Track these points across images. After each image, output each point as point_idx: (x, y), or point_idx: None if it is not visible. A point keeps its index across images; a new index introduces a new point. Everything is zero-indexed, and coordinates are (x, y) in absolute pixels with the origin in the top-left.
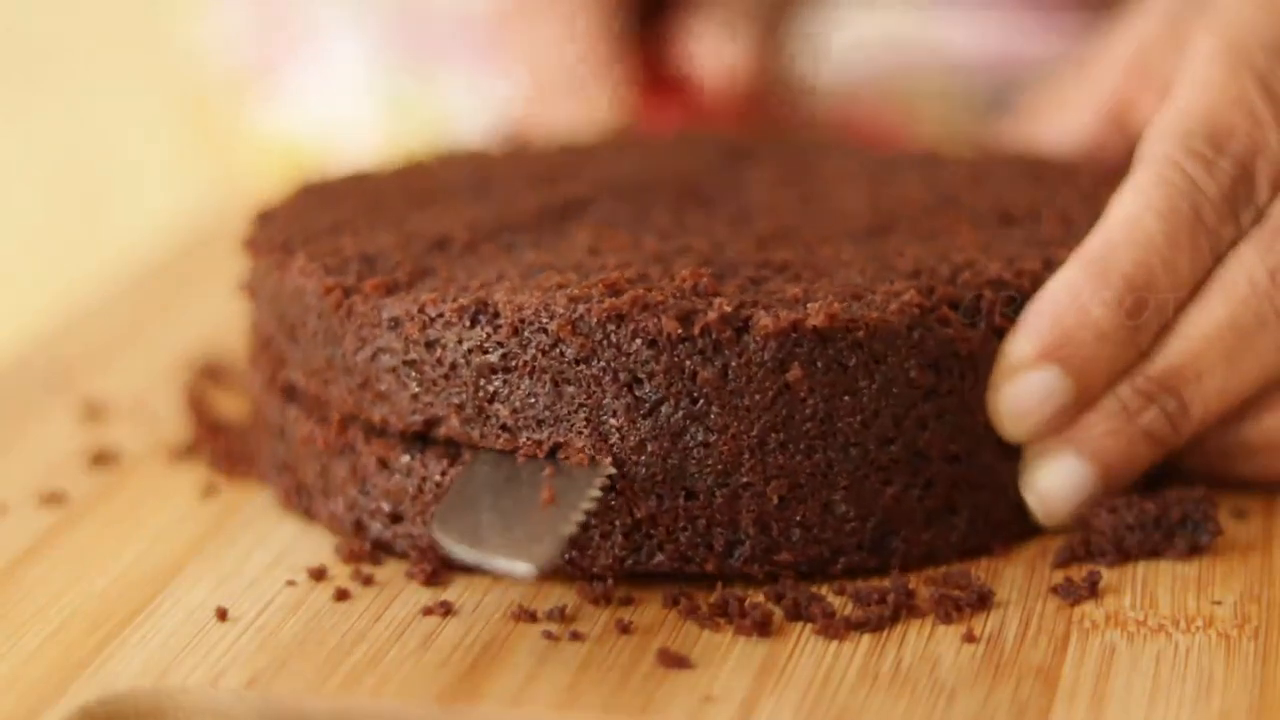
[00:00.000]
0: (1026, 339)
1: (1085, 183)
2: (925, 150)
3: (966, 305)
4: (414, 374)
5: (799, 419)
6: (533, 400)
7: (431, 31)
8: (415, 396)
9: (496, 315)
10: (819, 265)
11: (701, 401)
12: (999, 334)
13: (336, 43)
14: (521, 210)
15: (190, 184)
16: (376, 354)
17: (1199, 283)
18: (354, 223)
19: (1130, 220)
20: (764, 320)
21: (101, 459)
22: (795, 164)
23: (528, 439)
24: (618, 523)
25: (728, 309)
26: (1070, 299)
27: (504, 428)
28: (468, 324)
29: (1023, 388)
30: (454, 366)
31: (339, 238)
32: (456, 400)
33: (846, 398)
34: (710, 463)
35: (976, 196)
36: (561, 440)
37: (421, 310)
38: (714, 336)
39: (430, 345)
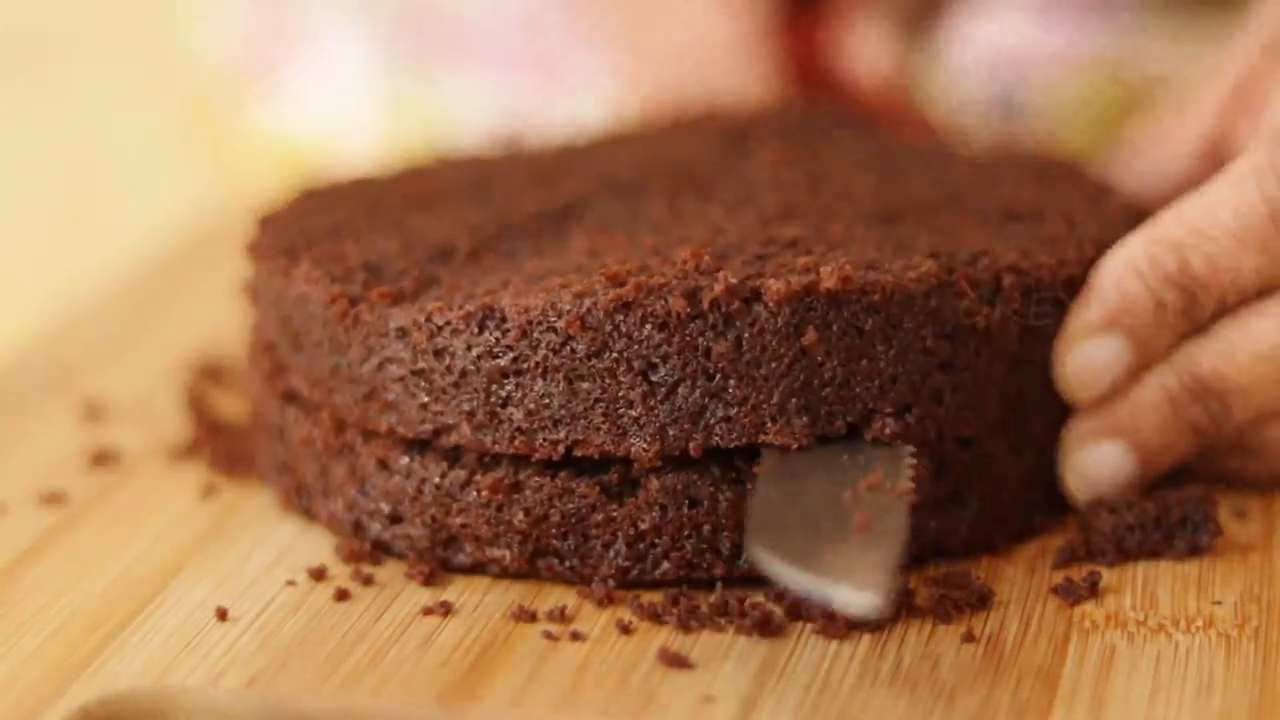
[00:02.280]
0: (1092, 306)
1: (1089, 184)
2: (929, 143)
3: (986, 287)
4: (423, 383)
5: (818, 384)
6: (547, 401)
7: (432, 32)
8: (424, 406)
9: (504, 319)
10: (831, 240)
11: (718, 377)
12: (1017, 316)
13: (336, 43)
14: (521, 213)
15: (190, 184)
16: (384, 364)
17: (1265, 290)
18: (356, 227)
19: (1207, 210)
20: (775, 285)
21: (101, 459)
22: (796, 149)
23: (544, 440)
24: (620, 534)
25: (733, 280)
26: (1135, 274)
27: (519, 430)
28: (476, 330)
29: (1086, 353)
30: (464, 373)
31: (342, 243)
32: (467, 407)
33: (864, 362)
34: (734, 437)
35: (981, 194)
36: (580, 438)
37: (429, 319)
38: (724, 310)
39: (439, 353)
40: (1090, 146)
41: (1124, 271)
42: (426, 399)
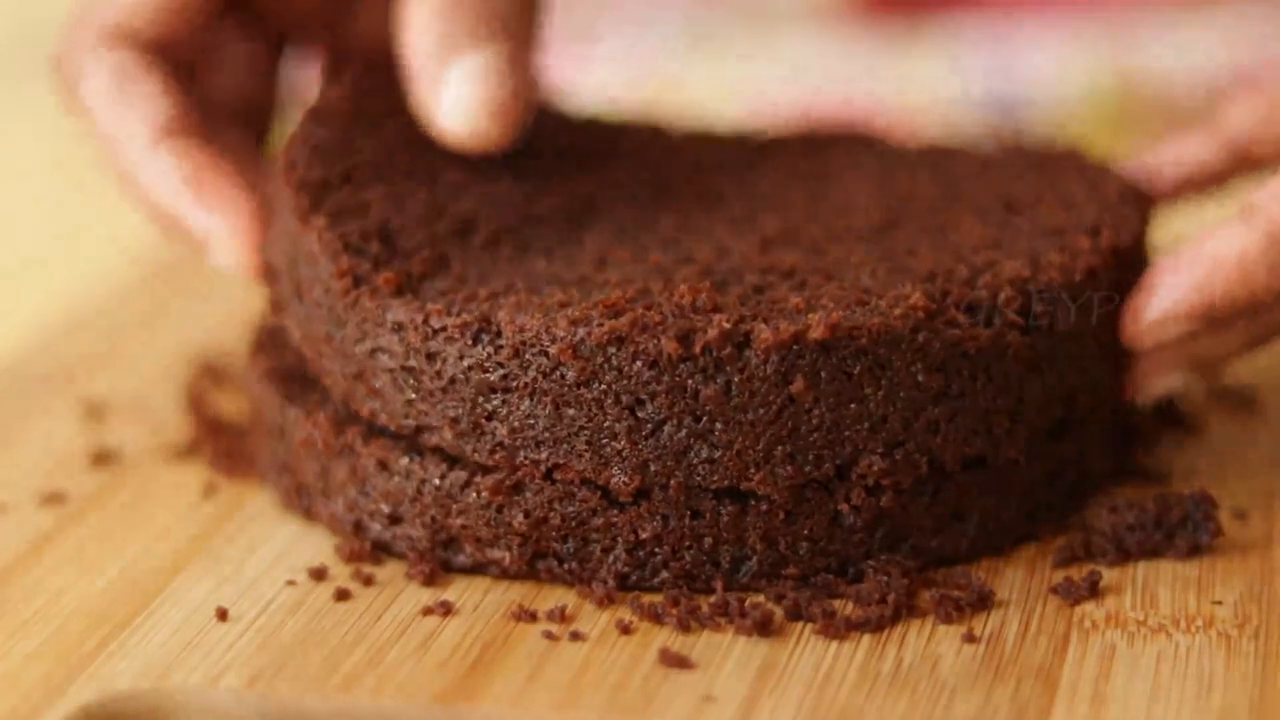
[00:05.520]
0: (1174, 293)
1: (1087, 168)
2: (931, 142)
3: (983, 307)
4: (411, 380)
5: (805, 430)
6: (532, 421)
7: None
8: (410, 403)
9: (499, 334)
10: (827, 269)
11: (705, 420)
12: (1018, 330)
13: None
14: (545, 200)
15: None
16: (375, 351)
17: None
18: (391, 167)
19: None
20: (764, 334)
21: (101, 459)
22: (806, 163)
23: (525, 458)
24: (620, 540)
25: (727, 325)
26: (1241, 271)
27: (500, 445)
28: (470, 341)
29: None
30: (453, 380)
31: (370, 189)
32: (452, 413)
33: (853, 406)
34: (715, 479)
35: (979, 187)
36: (560, 461)
37: (425, 320)
38: (715, 354)
39: (431, 356)
40: (1093, 140)
41: (1229, 262)
42: (413, 396)
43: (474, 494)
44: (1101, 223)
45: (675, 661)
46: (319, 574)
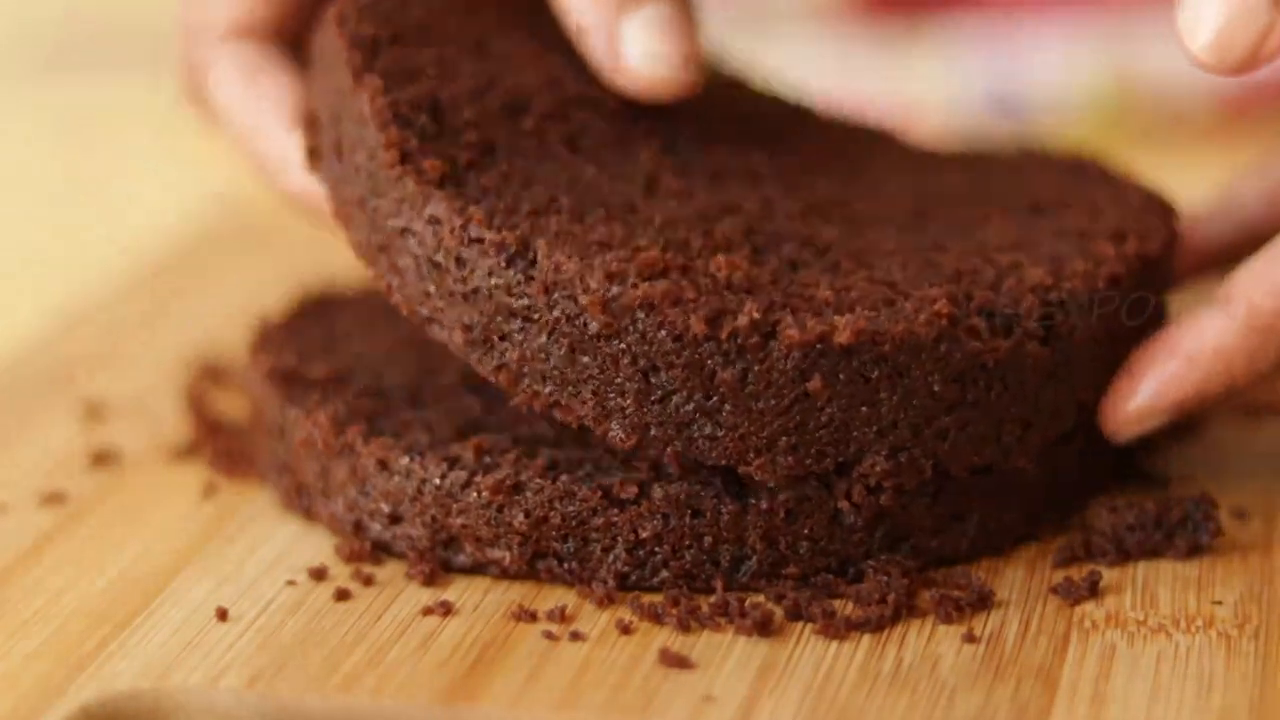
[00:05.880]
0: (1153, 387)
1: (1113, 177)
2: (958, 144)
3: (1003, 315)
4: (435, 275)
5: (813, 425)
6: (544, 355)
7: None
8: (428, 294)
9: (533, 264)
10: (860, 252)
11: (715, 399)
12: (1038, 341)
13: None
14: (603, 93)
15: (191, 184)
16: (406, 232)
17: None
18: (442, 29)
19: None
20: (790, 331)
21: (101, 459)
22: (847, 137)
23: (528, 386)
24: (620, 539)
25: (756, 315)
26: (1222, 361)
27: (505, 366)
28: (503, 263)
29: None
30: (476, 291)
31: (421, 52)
32: (467, 320)
33: (864, 408)
34: (714, 455)
35: (1007, 188)
36: (562, 401)
37: (464, 225)
38: (739, 341)
39: (460, 261)
40: (1093, 140)
41: (1210, 363)
42: (432, 289)
43: (474, 494)
44: (1126, 229)
45: (675, 661)
46: (319, 574)
